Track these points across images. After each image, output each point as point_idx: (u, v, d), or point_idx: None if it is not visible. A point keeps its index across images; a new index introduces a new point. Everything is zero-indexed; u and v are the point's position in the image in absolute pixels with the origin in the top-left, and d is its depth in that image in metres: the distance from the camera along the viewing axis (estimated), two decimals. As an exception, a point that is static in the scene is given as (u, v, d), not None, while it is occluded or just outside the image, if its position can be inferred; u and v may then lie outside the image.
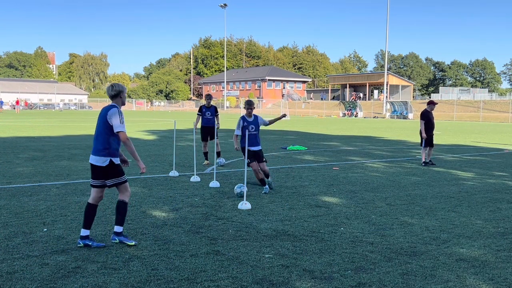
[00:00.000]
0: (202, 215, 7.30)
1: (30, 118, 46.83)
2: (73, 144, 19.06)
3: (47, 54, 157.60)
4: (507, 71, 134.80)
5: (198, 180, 10.40)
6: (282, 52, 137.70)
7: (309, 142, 21.91)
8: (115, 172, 5.64)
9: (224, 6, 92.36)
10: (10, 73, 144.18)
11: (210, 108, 13.24)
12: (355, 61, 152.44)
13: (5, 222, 6.74)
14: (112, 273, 4.83)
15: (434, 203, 8.52)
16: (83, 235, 5.67)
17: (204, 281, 4.66)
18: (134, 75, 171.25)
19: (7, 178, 10.45)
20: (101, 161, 5.56)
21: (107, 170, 5.59)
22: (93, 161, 5.62)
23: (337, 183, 10.50)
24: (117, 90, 5.71)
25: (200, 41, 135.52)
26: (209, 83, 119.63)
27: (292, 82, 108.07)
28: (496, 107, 64.11)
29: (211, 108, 13.26)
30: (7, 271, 4.82)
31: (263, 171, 9.40)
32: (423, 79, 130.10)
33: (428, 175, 11.81)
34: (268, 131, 30.19)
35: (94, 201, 5.77)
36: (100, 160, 5.57)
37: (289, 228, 6.67)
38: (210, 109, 13.23)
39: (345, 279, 4.76)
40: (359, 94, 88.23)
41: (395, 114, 66.38)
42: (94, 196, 5.76)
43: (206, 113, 13.22)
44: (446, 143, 21.89)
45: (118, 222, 5.74)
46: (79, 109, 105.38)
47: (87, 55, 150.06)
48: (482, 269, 5.13)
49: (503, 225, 7.03)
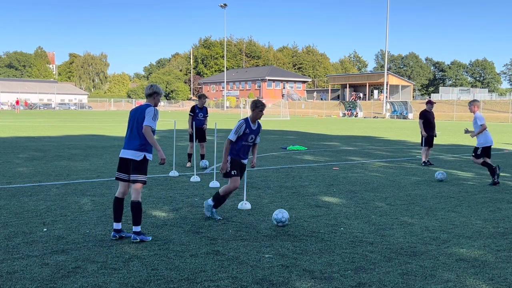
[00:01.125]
0: (202, 215, 7.30)
1: (30, 118, 46.83)
2: (73, 144, 19.06)
3: (47, 54, 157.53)
4: (507, 71, 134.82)
5: (198, 180, 10.40)
6: (282, 52, 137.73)
7: (309, 142, 21.91)
8: (143, 168, 5.90)
9: (224, 6, 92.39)
10: (10, 73, 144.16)
11: (203, 109, 12.91)
12: (355, 61, 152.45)
13: (5, 222, 6.74)
14: (112, 273, 4.83)
15: (434, 203, 8.52)
16: (116, 228, 5.96)
17: (204, 281, 4.66)
18: (134, 75, 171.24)
19: (7, 178, 10.45)
20: (136, 156, 5.86)
21: (139, 165, 5.86)
22: (128, 155, 5.89)
23: (337, 183, 10.50)
24: (152, 91, 6.12)
25: (200, 41, 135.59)
26: (209, 83, 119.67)
27: (292, 82, 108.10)
28: (496, 107, 64.12)
29: (204, 109, 12.95)
30: (7, 271, 4.82)
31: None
32: (423, 79, 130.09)
33: (428, 175, 11.81)
34: (268, 131, 30.20)
35: (120, 194, 6.04)
36: (135, 155, 5.86)
37: (289, 228, 6.67)
38: (202, 110, 12.88)
39: (345, 279, 4.76)
40: (359, 94, 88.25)
41: (395, 114, 66.39)
42: (121, 190, 6.04)
43: (199, 114, 12.82)
44: (446, 143, 21.89)
45: (136, 222, 5.90)
46: (79, 109, 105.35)
47: (87, 55, 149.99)
48: (482, 269, 5.13)
49: (503, 225, 7.03)
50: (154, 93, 6.11)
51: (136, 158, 5.85)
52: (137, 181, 5.88)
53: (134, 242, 5.82)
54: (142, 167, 5.90)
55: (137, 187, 5.90)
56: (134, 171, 5.87)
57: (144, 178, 5.93)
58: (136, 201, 5.88)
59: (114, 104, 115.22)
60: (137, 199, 5.89)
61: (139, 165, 5.87)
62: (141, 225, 6.62)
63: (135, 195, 5.90)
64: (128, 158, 5.90)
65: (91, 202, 8.14)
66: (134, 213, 5.87)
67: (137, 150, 5.86)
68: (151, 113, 5.91)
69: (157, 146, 5.91)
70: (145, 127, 5.83)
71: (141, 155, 5.86)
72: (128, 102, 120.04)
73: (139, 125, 5.92)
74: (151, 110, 5.95)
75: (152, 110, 5.94)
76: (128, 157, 5.90)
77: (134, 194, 5.90)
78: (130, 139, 5.95)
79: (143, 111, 5.94)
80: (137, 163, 5.86)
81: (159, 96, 6.15)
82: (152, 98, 6.12)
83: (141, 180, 5.90)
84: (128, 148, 5.92)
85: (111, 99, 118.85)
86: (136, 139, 5.89)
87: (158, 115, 5.93)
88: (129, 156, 5.89)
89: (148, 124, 5.84)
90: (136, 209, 5.87)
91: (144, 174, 5.93)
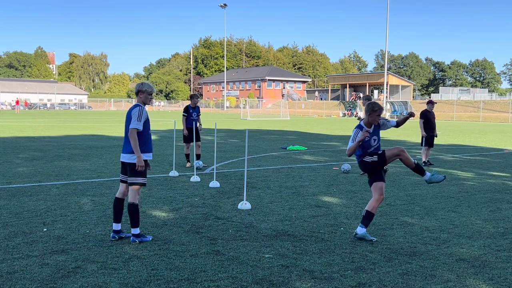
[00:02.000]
0: (202, 215, 7.30)
1: (30, 118, 46.84)
2: (73, 144, 19.06)
3: (47, 54, 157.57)
4: (507, 71, 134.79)
5: (198, 180, 10.40)
6: (282, 52, 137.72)
7: (309, 142, 21.91)
8: (140, 170, 5.87)
9: (224, 6, 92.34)
10: (10, 73, 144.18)
11: (196, 109, 12.87)
12: (355, 61, 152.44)
13: (5, 222, 6.74)
14: (112, 273, 4.83)
15: (434, 203, 8.52)
16: (115, 229, 5.98)
17: (204, 281, 4.66)
18: (134, 75, 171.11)
19: (7, 178, 10.45)
20: (131, 158, 5.88)
21: (135, 167, 5.85)
22: (124, 159, 5.96)
23: (337, 183, 10.50)
24: (137, 89, 6.09)
25: (200, 41, 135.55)
26: (209, 83, 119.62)
27: (292, 82, 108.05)
28: (496, 107, 64.10)
29: (197, 109, 12.90)
30: (7, 271, 4.82)
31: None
32: (423, 79, 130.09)
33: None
34: (268, 131, 30.21)
35: (120, 195, 6.09)
36: (130, 158, 5.89)
37: (289, 228, 6.67)
38: (196, 110, 12.85)
39: (345, 279, 4.76)
40: (359, 94, 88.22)
41: (395, 114, 66.40)
42: (122, 190, 6.09)
43: (192, 114, 12.77)
44: (446, 143, 21.89)
45: (134, 224, 5.89)
46: (79, 109, 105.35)
47: (87, 55, 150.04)
48: (482, 269, 5.13)
49: (503, 225, 7.03)
50: (138, 91, 6.06)
51: (131, 161, 5.87)
52: (134, 183, 5.90)
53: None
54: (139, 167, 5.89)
55: (134, 189, 5.91)
56: (131, 174, 5.89)
57: (142, 180, 5.92)
58: (131, 203, 5.87)
59: (114, 104, 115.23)
60: (133, 201, 5.87)
61: (135, 167, 5.86)
62: (141, 226, 6.63)
63: (132, 197, 5.89)
64: (124, 161, 5.96)
65: (91, 202, 8.14)
66: (130, 216, 5.87)
67: (131, 153, 5.87)
68: (136, 114, 5.87)
69: (138, 151, 5.80)
70: (130, 130, 5.84)
71: (135, 158, 5.84)
72: (128, 102, 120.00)
73: (126, 127, 5.97)
74: (136, 110, 5.90)
75: (137, 111, 5.88)
76: (124, 160, 5.96)
77: (131, 196, 5.90)
78: (125, 143, 6.00)
79: (130, 113, 5.94)
80: (133, 166, 5.86)
81: (146, 94, 6.04)
82: (139, 97, 6.09)
83: (138, 182, 5.90)
84: (124, 152, 5.97)
85: (111, 99, 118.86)
86: (128, 142, 5.91)
87: (144, 115, 5.87)
88: (125, 160, 5.94)
89: (133, 126, 5.82)
90: (132, 211, 5.86)
91: (142, 176, 5.91)
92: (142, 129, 5.87)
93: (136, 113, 5.86)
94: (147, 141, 5.98)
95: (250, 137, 23.54)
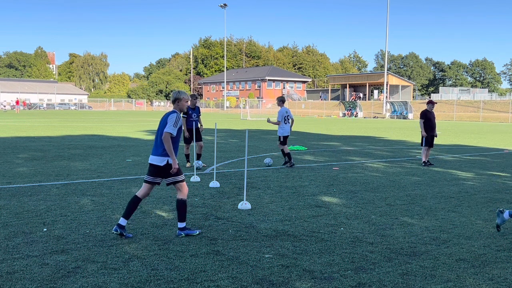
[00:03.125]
0: (202, 215, 7.31)
1: (30, 118, 46.84)
2: (73, 144, 19.06)
3: (47, 54, 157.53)
4: (507, 71, 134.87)
5: (198, 180, 10.40)
6: (282, 52, 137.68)
7: (309, 142, 21.91)
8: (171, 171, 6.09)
9: (224, 6, 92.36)
10: (10, 73, 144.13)
11: (195, 110, 12.74)
12: (355, 61, 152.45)
13: (5, 222, 6.74)
14: (112, 273, 4.83)
15: (434, 203, 8.52)
16: (120, 223, 6.07)
17: (204, 281, 4.66)
18: (134, 75, 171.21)
19: (7, 178, 10.45)
20: (160, 161, 6.07)
21: (165, 170, 6.08)
22: (152, 161, 6.15)
23: (337, 183, 10.50)
24: (174, 97, 6.36)
25: (200, 41, 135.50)
26: (209, 83, 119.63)
27: (292, 82, 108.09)
28: (496, 107, 64.12)
29: (196, 109, 12.78)
30: (7, 271, 4.82)
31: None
32: (423, 79, 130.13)
33: (428, 175, 11.81)
34: (268, 131, 30.20)
35: (141, 195, 6.23)
36: (158, 160, 6.08)
37: (289, 228, 6.67)
38: (195, 110, 12.72)
39: (345, 279, 4.76)
40: (359, 94, 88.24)
41: (395, 114, 66.40)
42: (144, 191, 6.24)
43: (192, 115, 12.63)
44: (446, 143, 21.89)
45: (180, 219, 6.18)
46: (79, 109, 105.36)
47: (87, 55, 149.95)
48: (482, 269, 5.13)
49: (503, 225, 7.02)
50: (175, 99, 6.33)
51: (160, 163, 6.07)
52: (174, 182, 6.14)
53: (179, 237, 6.11)
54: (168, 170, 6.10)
55: (177, 187, 6.18)
56: (168, 175, 6.11)
57: (180, 177, 6.16)
58: (179, 199, 6.15)
59: (114, 104, 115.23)
60: (180, 197, 6.15)
61: (167, 169, 6.08)
62: (141, 225, 6.64)
63: (179, 194, 6.17)
64: (153, 163, 6.15)
65: (91, 202, 8.15)
66: (178, 210, 6.16)
67: (160, 156, 6.08)
68: (173, 119, 6.10)
69: (172, 154, 6.06)
70: (164, 134, 6.05)
71: (164, 160, 6.06)
72: (128, 102, 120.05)
73: (160, 131, 6.17)
74: (173, 116, 6.13)
75: (174, 117, 6.12)
76: (153, 163, 6.16)
77: (178, 193, 6.18)
78: (155, 146, 6.20)
79: (166, 118, 6.16)
80: (161, 168, 6.08)
81: (183, 101, 6.33)
82: (176, 105, 6.34)
83: (177, 180, 6.15)
84: (154, 154, 6.17)
85: (111, 99, 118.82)
86: (159, 146, 6.13)
87: (179, 121, 6.12)
88: (153, 162, 6.14)
89: (168, 130, 6.04)
90: (180, 206, 6.15)
91: (177, 174, 6.13)
92: (175, 135, 6.12)
93: (173, 119, 6.09)
94: (176, 146, 6.22)
95: (250, 137, 23.54)
